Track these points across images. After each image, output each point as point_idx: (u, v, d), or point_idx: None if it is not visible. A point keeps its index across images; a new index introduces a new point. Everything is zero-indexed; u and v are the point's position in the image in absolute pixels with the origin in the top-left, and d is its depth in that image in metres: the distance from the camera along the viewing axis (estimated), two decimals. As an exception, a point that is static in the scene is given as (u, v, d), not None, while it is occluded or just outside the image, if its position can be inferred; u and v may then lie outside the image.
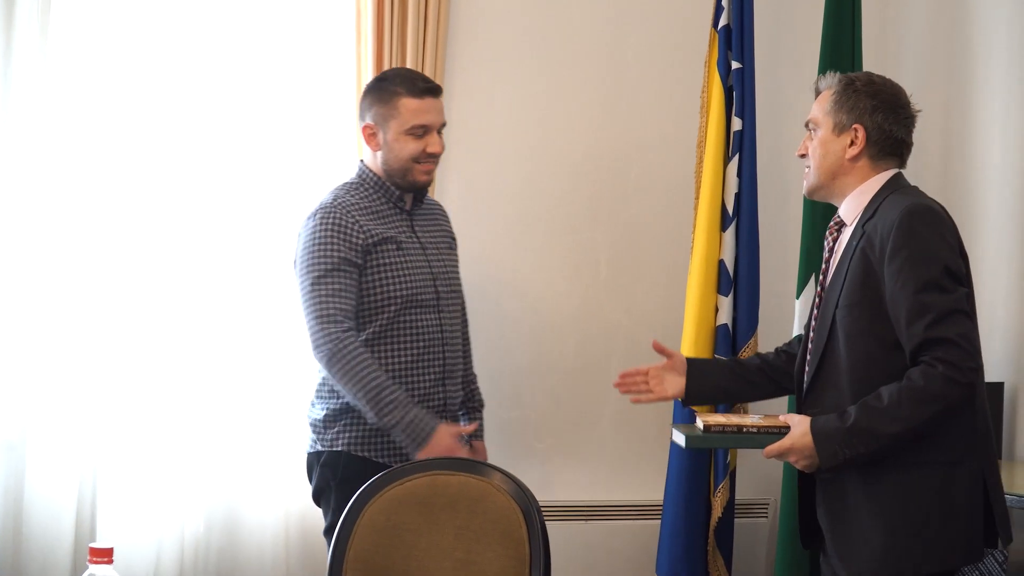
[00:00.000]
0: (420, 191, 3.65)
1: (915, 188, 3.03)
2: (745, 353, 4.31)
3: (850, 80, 3.05)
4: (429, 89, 3.55)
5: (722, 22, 4.45)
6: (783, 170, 4.81)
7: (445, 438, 3.44)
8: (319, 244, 3.45)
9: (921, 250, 2.81)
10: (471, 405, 3.87)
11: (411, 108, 3.50)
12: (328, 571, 3.02)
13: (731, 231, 4.40)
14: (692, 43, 4.72)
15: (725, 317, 4.38)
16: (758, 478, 4.73)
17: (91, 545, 2.24)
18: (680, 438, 3.16)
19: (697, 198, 4.47)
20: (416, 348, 3.55)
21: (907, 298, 2.79)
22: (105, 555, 2.21)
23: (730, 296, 4.39)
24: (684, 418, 4.13)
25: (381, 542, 3.05)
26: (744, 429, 3.02)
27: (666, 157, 4.84)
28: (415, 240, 3.60)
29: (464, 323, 3.84)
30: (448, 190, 4.57)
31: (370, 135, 3.57)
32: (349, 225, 3.49)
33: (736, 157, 4.40)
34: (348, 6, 4.42)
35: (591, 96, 4.62)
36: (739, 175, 4.41)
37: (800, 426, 2.90)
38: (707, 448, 3.14)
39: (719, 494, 4.34)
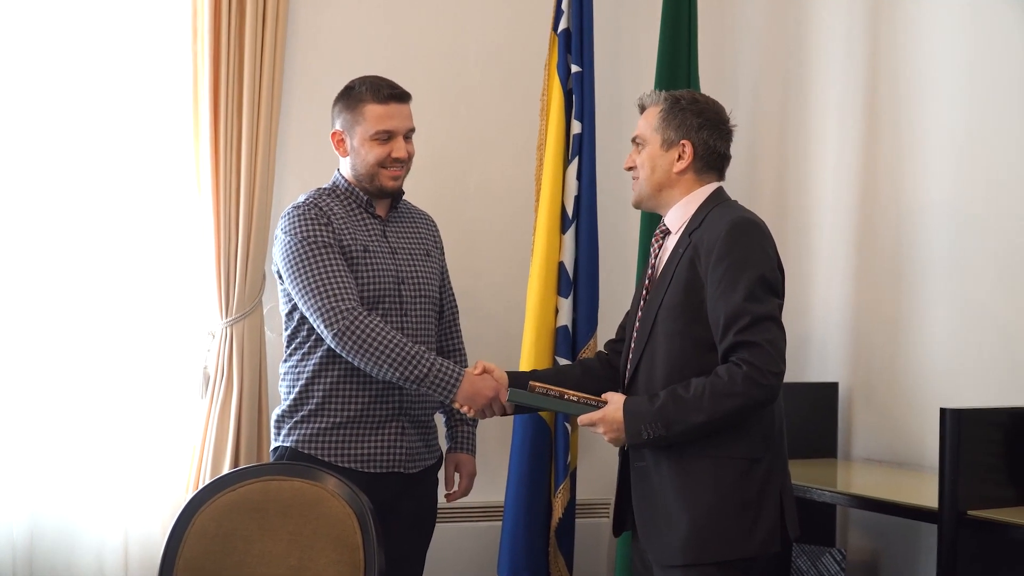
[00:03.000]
0: (392, 197, 3.63)
1: (736, 202, 3.20)
2: (584, 354, 4.34)
3: (676, 99, 3.21)
4: (394, 95, 3.54)
5: (562, 26, 4.46)
6: (622, 173, 4.57)
7: (471, 384, 3.39)
8: (303, 231, 3.44)
9: (742, 260, 2.98)
10: (457, 417, 3.81)
11: (375, 114, 3.50)
12: (157, 580, 2.95)
13: (571, 233, 4.41)
14: (532, 47, 4.74)
15: (565, 319, 4.39)
16: (598, 478, 4.74)
17: None
18: (505, 394, 3.28)
19: (537, 201, 4.48)
20: None
21: (725, 303, 2.96)
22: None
23: (570, 298, 4.39)
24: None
25: (212, 549, 3.01)
26: (566, 396, 3.14)
27: (506, 160, 4.86)
28: (385, 245, 3.57)
29: (450, 331, 3.81)
30: (286, 192, 4.50)
31: (338, 142, 3.58)
32: (325, 217, 3.48)
33: (576, 160, 4.42)
34: (184, 6, 4.36)
35: (431, 99, 4.57)
36: (578, 178, 4.42)
37: (615, 402, 3.08)
38: (527, 405, 3.22)
39: (560, 495, 4.34)
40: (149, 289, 4.37)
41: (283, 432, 3.53)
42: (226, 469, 4.23)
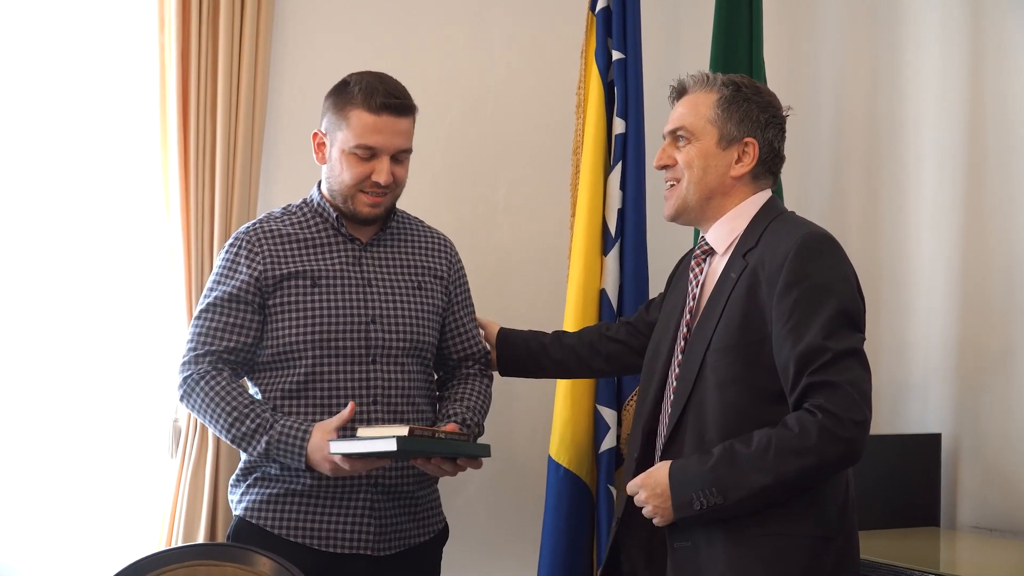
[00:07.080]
0: (370, 222, 3.30)
1: (794, 213, 2.97)
2: (630, 404, 4.01)
3: (737, 85, 2.95)
4: (389, 105, 3.18)
5: (600, 4, 4.18)
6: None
7: (321, 439, 3.03)
8: (216, 275, 3.25)
9: (818, 287, 2.70)
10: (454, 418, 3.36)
11: (360, 123, 3.18)
12: None
13: (614, 255, 4.08)
14: (567, 30, 4.51)
15: (608, 359, 4.08)
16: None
17: None
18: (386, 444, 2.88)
19: (573, 216, 4.17)
20: (328, 408, 3.17)
21: (796, 341, 2.67)
22: None
23: (613, 333, 4.09)
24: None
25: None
26: (437, 435, 2.94)
27: (539, 168, 4.62)
28: (356, 276, 3.25)
29: (466, 387, 3.42)
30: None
31: (318, 144, 3.29)
32: (251, 256, 3.22)
33: (619, 166, 4.10)
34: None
35: (450, 97, 4.30)
36: (622, 188, 4.10)
37: (660, 467, 2.78)
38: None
39: (604, 575, 4.00)
40: (108, 326, 4.08)
41: (235, 498, 3.27)
42: (201, 541, 3.96)
